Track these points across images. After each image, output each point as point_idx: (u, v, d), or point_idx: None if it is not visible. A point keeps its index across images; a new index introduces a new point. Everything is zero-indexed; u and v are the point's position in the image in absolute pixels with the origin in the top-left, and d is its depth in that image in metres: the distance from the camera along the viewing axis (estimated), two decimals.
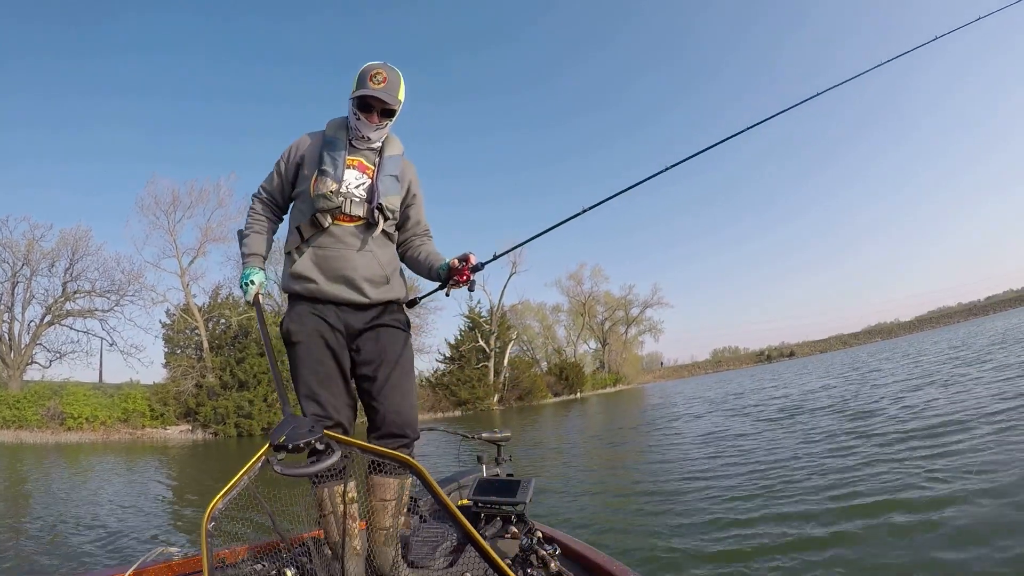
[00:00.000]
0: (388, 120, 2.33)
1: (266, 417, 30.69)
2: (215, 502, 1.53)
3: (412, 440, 2.29)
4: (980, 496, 4.81)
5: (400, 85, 2.30)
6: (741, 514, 5.49)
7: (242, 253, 2.45)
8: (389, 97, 2.25)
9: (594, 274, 62.12)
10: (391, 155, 2.40)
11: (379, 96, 2.22)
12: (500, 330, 46.60)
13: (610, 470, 9.72)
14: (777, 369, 47.12)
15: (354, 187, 2.30)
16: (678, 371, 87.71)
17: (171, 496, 10.73)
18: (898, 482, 5.65)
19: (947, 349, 24.37)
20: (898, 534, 4.37)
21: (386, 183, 2.34)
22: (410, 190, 2.48)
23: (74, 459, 18.71)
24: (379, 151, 2.40)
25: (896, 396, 12.33)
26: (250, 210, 2.51)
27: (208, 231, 35.00)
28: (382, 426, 2.25)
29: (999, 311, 73.92)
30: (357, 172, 2.33)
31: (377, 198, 2.30)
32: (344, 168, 2.29)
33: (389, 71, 2.26)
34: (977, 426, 7.55)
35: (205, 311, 34.00)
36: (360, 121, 2.29)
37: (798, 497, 5.77)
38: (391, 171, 2.37)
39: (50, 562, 5.87)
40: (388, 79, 2.24)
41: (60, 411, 28.14)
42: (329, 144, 2.33)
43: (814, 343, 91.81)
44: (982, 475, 5.35)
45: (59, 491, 11.35)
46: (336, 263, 2.24)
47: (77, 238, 32.84)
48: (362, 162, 2.35)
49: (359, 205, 2.28)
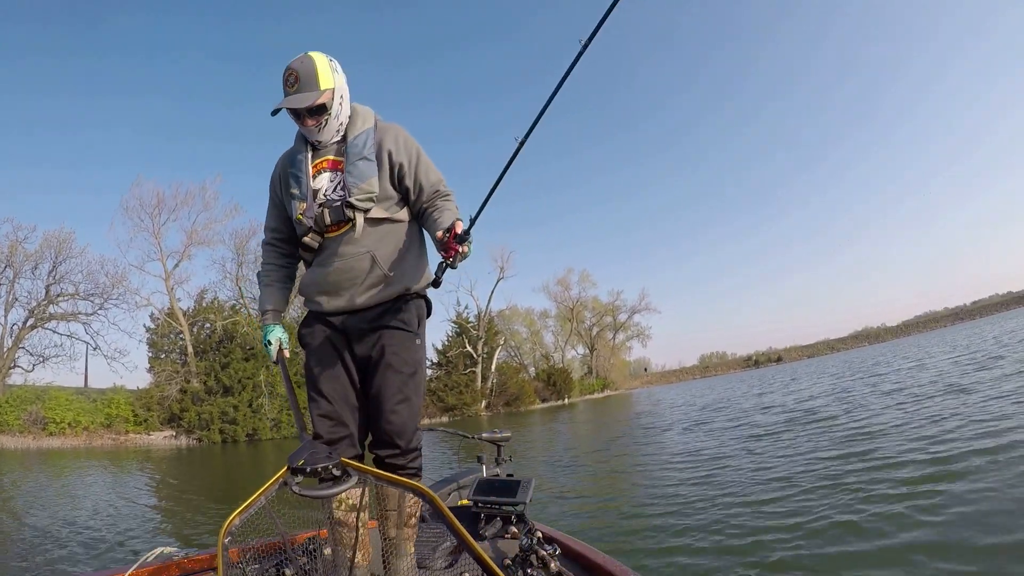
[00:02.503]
0: (324, 114, 2.10)
1: (251, 423, 30.46)
2: (232, 519, 1.59)
3: (404, 451, 2.16)
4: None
5: (316, 71, 2.05)
6: (747, 519, 5.49)
7: (259, 310, 2.39)
8: (305, 98, 2.04)
9: (582, 279, 62.31)
10: (357, 134, 2.16)
11: (292, 106, 2.04)
12: (488, 335, 46.56)
13: (602, 476, 9.73)
14: (771, 374, 46.89)
15: (331, 191, 2.15)
16: (666, 376, 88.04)
17: (156, 502, 10.61)
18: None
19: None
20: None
21: (357, 170, 2.12)
22: (391, 158, 2.17)
23: (55, 465, 18.42)
24: (344, 136, 2.19)
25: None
26: (262, 259, 2.40)
27: (193, 234, 34.66)
28: (375, 434, 2.20)
29: (986, 315, 74.93)
30: (330, 173, 2.17)
31: (347, 195, 2.11)
32: (310, 179, 2.16)
33: (301, 64, 2.05)
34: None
35: (190, 315, 33.66)
36: (302, 128, 2.14)
37: (799, 498, 5.79)
38: (360, 153, 2.14)
39: (40, 568, 5.79)
40: (300, 75, 2.03)
41: (42, 416, 27.68)
42: (291, 159, 2.21)
43: (802, 348, 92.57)
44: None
45: (43, 497, 11.18)
46: (334, 277, 2.16)
47: (61, 240, 32.32)
48: (331, 159, 2.18)
49: (338, 210, 2.12)
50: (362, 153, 2.13)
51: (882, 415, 10.12)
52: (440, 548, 2.46)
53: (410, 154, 2.20)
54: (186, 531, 7.60)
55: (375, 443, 2.20)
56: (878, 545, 4.21)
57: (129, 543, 6.70)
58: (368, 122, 2.21)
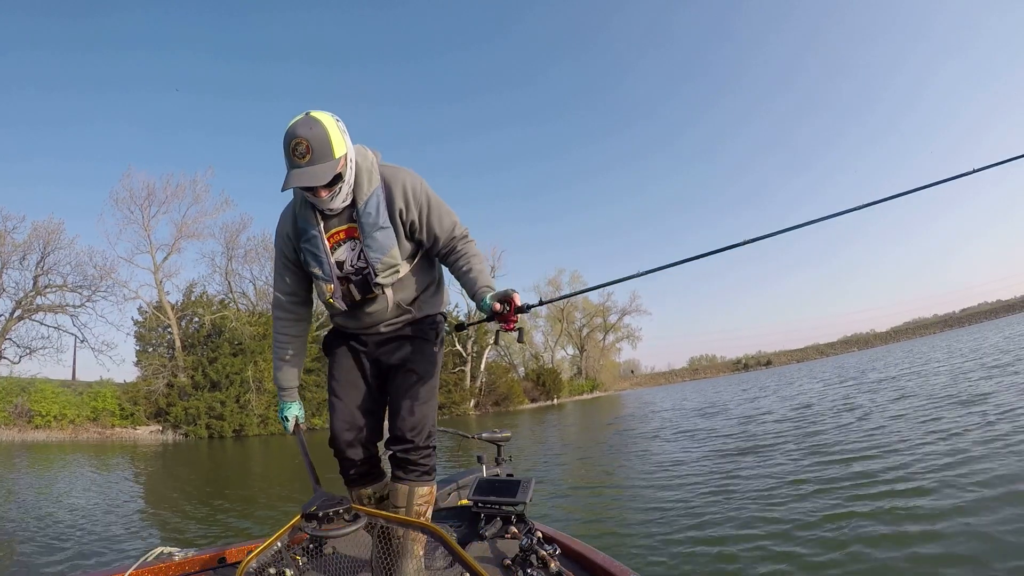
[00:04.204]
0: (338, 183, 1.96)
1: (238, 419, 30.32)
2: (248, 560, 1.71)
3: (417, 447, 2.18)
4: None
5: (328, 139, 1.87)
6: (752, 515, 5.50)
7: (276, 384, 2.40)
8: (322, 173, 1.87)
9: (573, 280, 62.32)
10: (367, 199, 2.03)
11: (309, 184, 1.87)
12: (477, 334, 46.54)
13: (597, 476, 9.76)
14: (763, 377, 46.94)
15: (352, 263, 2.10)
16: (655, 378, 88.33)
17: (143, 499, 10.53)
18: None
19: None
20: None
21: (376, 243, 2.04)
22: (403, 216, 2.08)
23: (39, 459, 18.24)
24: (354, 200, 2.06)
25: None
26: (276, 327, 2.34)
27: (183, 227, 34.51)
28: (392, 431, 2.24)
29: (974, 323, 75.54)
30: (348, 243, 2.09)
31: (372, 277, 2.07)
32: (328, 253, 2.07)
33: (310, 131, 1.85)
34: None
35: (178, 309, 33.43)
36: (312, 199, 1.99)
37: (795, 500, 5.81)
38: (375, 223, 2.03)
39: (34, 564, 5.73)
40: (312, 145, 1.84)
41: (28, 408, 27.43)
42: (302, 234, 2.10)
43: (791, 352, 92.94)
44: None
45: (17, 492, 11.07)
46: (361, 322, 2.22)
47: (50, 231, 31.96)
48: (345, 229, 2.09)
49: (364, 284, 2.10)
50: (378, 223, 2.04)
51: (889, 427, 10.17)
52: (440, 548, 2.46)
53: (420, 206, 2.10)
54: (175, 527, 7.54)
55: (391, 440, 2.24)
56: (881, 545, 4.23)
57: (115, 541, 6.65)
58: (374, 179, 2.06)
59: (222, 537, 6.80)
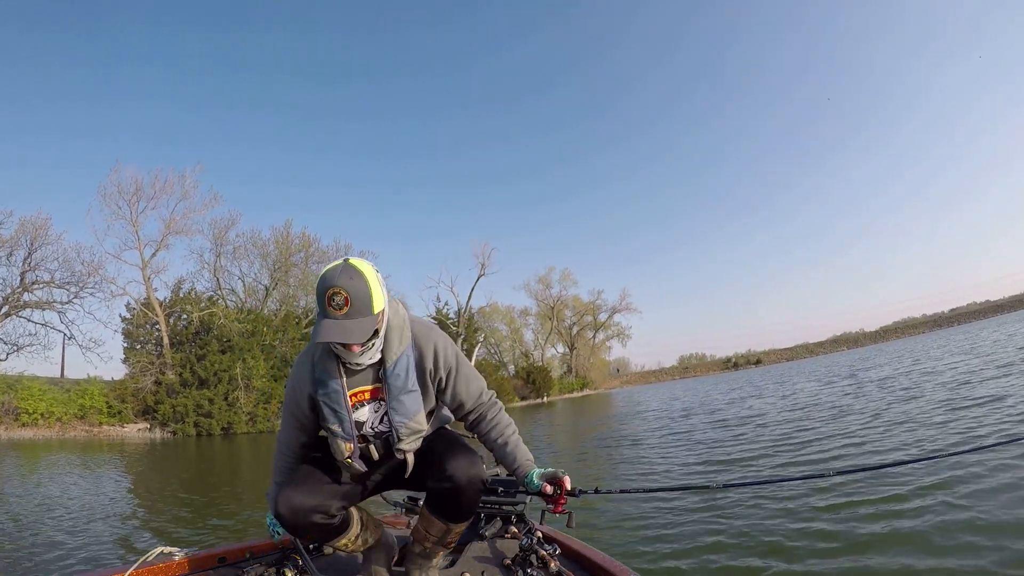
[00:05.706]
0: (374, 339, 1.86)
1: (226, 416, 30.17)
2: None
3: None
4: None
5: (370, 292, 1.78)
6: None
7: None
8: (363, 329, 1.76)
9: (563, 278, 62.64)
10: (396, 359, 1.93)
11: (349, 341, 1.75)
12: (467, 332, 46.56)
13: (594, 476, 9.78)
14: (756, 375, 46.92)
15: (373, 425, 1.98)
16: (645, 376, 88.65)
17: (134, 497, 10.46)
18: None
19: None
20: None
21: (403, 407, 1.94)
22: (431, 377, 2.00)
23: (27, 456, 18.07)
24: (383, 358, 1.95)
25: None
26: (279, 460, 2.19)
27: (172, 223, 34.05)
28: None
29: (963, 323, 75.85)
30: (370, 406, 1.97)
31: (395, 441, 1.97)
32: (350, 411, 1.94)
33: (351, 281, 1.75)
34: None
35: (166, 306, 33.12)
36: (342, 351, 1.86)
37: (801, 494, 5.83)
38: (404, 387, 1.94)
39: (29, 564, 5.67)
40: (352, 298, 1.74)
41: (14, 406, 27.10)
42: (322, 386, 1.95)
43: (780, 351, 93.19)
44: None
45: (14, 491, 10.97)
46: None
47: (37, 226, 31.53)
48: (371, 390, 1.97)
49: (386, 446, 2.00)
50: (406, 386, 1.94)
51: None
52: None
53: (448, 368, 2.02)
54: (164, 527, 7.50)
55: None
56: (881, 544, 4.24)
57: (105, 541, 6.60)
58: (405, 337, 1.96)
59: (213, 536, 6.76)
